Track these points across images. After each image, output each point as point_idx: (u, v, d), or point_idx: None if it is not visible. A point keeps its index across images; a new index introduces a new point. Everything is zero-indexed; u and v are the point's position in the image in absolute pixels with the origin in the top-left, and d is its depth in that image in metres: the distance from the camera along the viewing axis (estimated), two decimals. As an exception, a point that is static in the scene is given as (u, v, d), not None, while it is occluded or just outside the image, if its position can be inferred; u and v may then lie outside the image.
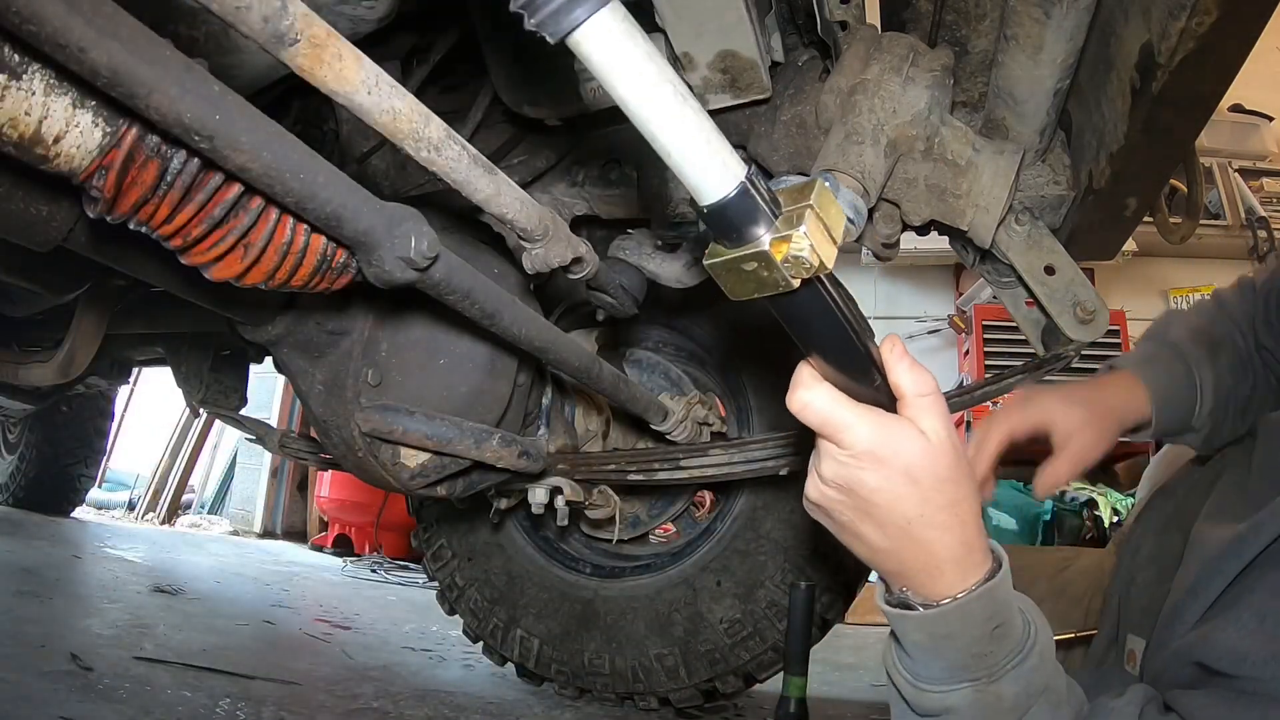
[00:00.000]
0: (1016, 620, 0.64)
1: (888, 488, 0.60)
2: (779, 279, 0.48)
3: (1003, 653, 0.63)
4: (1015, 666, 0.63)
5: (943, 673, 0.64)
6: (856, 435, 0.59)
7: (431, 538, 2.00)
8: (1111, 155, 1.03)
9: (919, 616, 0.62)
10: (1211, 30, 0.80)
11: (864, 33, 1.04)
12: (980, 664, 0.62)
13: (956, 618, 0.61)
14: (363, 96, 0.53)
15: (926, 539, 0.61)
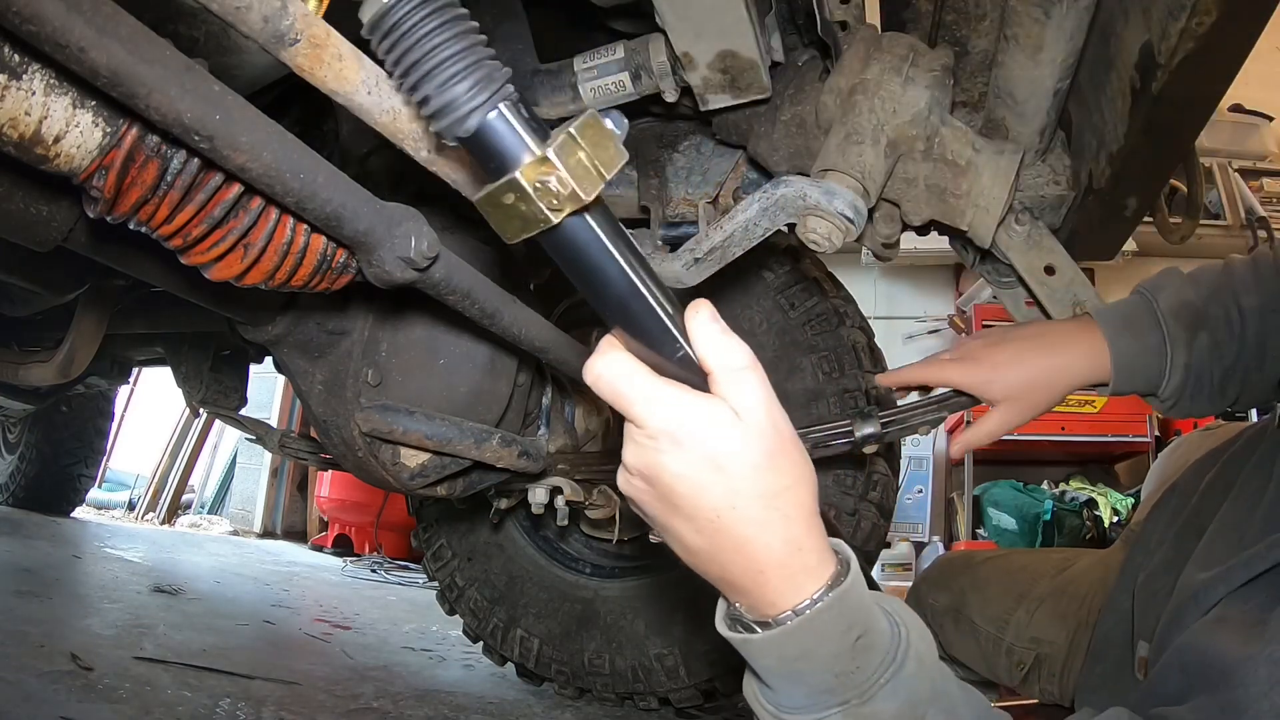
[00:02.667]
0: (881, 625, 0.55)
1: (690, 475, 0.51)
2: (537, 213, 0.43)
3: (871, 666, 0.54)
4: (890, 679, 0.54)
5: (806, 699, 0.55)
6: (652, 413, 0.51)
7: (431, 538, 2.00)
8: (1111, 155, 1.03)
9: (761, 640, 0.54)
10: (1211, 30, 0.80)
11: (864, 33, 1.04)
12: (847, 684, 0.54)
13: (805, 634, 0.52)
14: (363, 96, 0.53)
15: (742, 537, 0.52)
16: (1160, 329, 0.94)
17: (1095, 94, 1.04)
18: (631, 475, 0.55)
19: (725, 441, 0.51)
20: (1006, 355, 0.98)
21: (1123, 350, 0.95)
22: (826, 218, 0.93)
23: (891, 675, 0.54)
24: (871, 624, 0.55)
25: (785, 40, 1.14)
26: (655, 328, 0.51)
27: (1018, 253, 1.13)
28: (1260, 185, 4.46)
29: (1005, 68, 1.01)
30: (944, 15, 1.06)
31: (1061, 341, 0.97)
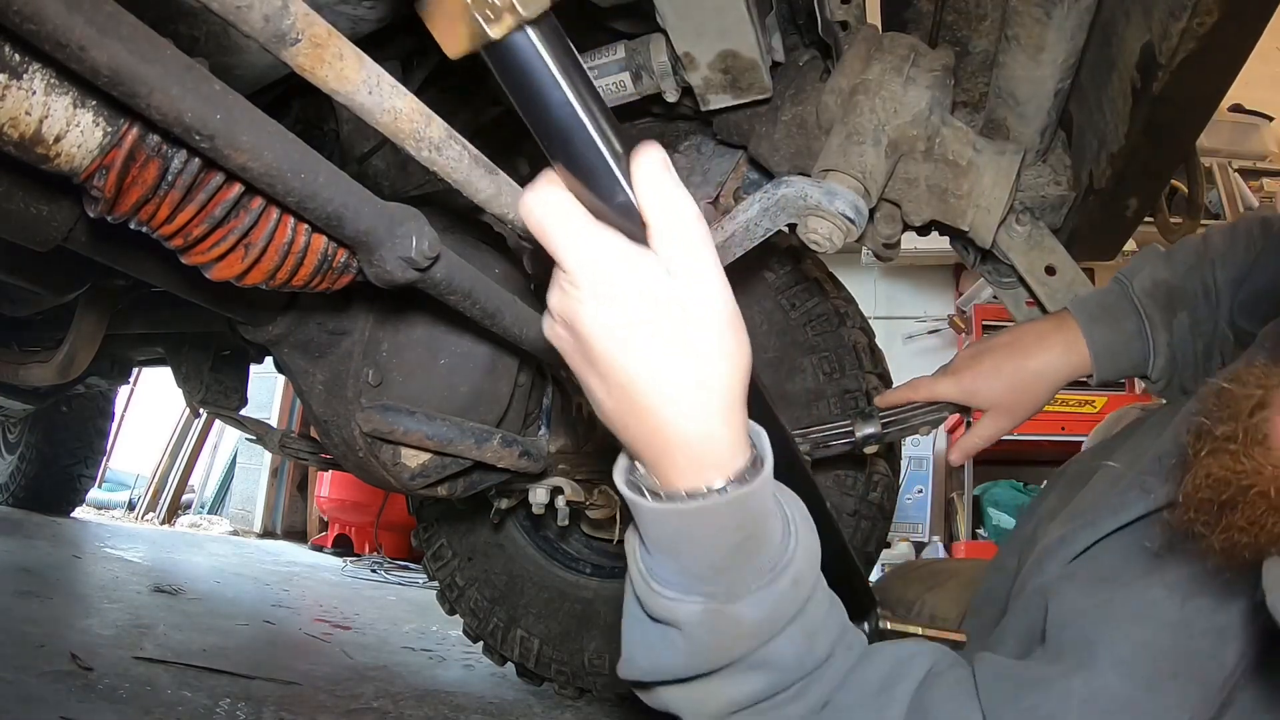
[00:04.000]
0: (773, 537, 0.54)
1: (607, 332, 0.47)
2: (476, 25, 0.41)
3: (749, 571, 0.52)
4: (762, 588, 0.53)
5: (676, 577, 0.53)
6: (580, 258, 0.46)
7: (431, 538, 2.00)
8: (1112, 155, 1.03)
9: (651, 508, 0.51)
10: (1212, 30, 0.80)
11: (865, 33, 1.04)
12: (719, 579, 0.52)
13: (694, 521, 0.50)
14: (364, 96, 0.53)
15: (652, 410, 0.48)
16: (1138, 313, 0.95)
17: (1096, 94, 1.04)
18: (554, 321, 0.51)
19: (650, 302, 0.46)
20: (985, 367, 1.01)
21: (1099, 339, 0.96)
22: (828, 218, 0.93)
23: (765, 585, 0.53)
24: (763, 533, 0.53)
25: (786, 40, 1.14)
26: (596, 166, 0.46)
27: (1018, 253, 1.13)
28: (1260, 185, 4.45)
29: (1006, 68, 1.01)
30: (945, 15, 1.06)
31: (1035, 344, 0.99)
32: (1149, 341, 0.95)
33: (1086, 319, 0.97)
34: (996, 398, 1.00)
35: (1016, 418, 1.01)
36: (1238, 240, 0.95)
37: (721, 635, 0.53)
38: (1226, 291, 0.93)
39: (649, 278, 0.46)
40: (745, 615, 0.53)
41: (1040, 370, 0.98)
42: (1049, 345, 0.98)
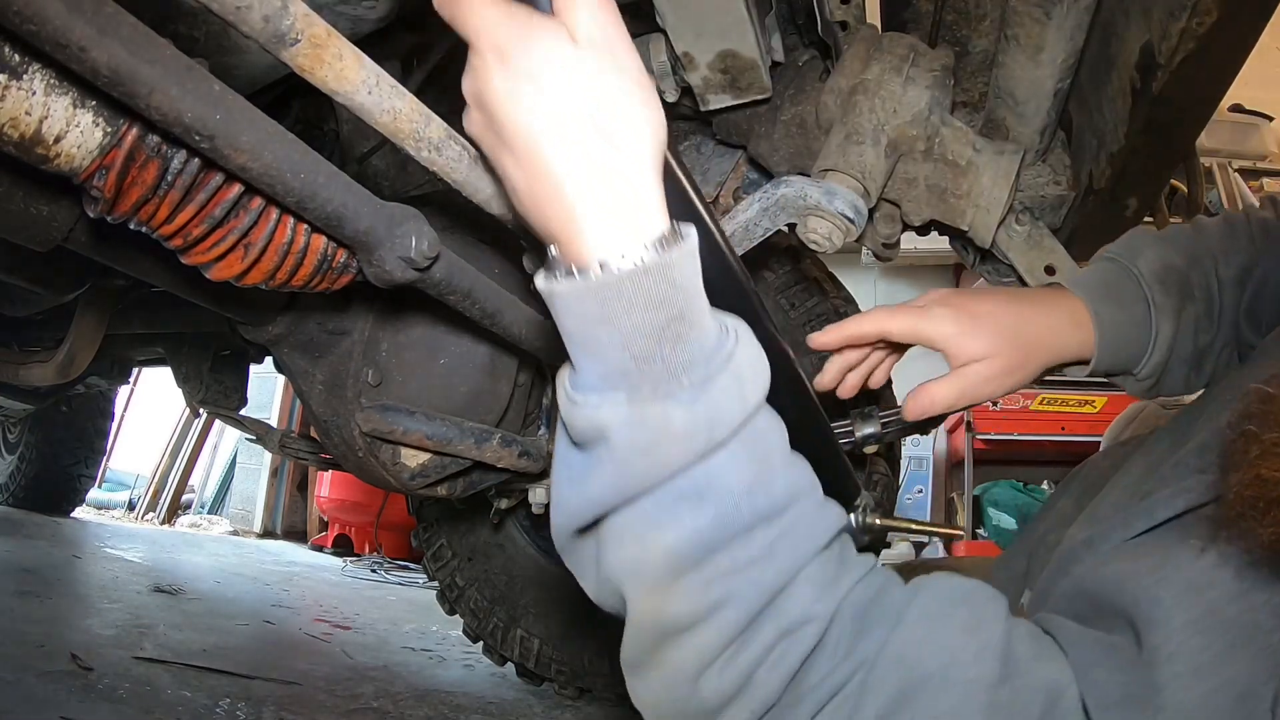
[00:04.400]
0: (705, 325, 0.48)
1: (510, 91, 0.45)
2: None
3: (676, 362, 0.46)
4: (695, 386, 0.46)
5: (599, 379, 0.48)
6: (484, 30, 0.46)
7: (431, 538, 2.00)
8: (1112, 155, 1.03)
9: (563, 289, 0.46)
10: (1212, 30, 0.80)
11: (864, 33, 1.04)
12: (643, 372, 0.46)
13: (609, 294, 0.45)
14: (363, 96, 0.53)
15: (563, 175, 0.46)
16: (1145, 299, 0.82)
17: (1096, 94, 1.04)
18: (470, 108, 0.49)
19: (556, 67, 0.45)
20: (986, 308, 0.82)
21: (1107, 320, 0.82)
22: (827, 218, 0.93)
23: (697, 382, 0.47)
24: (691, 315, 0.47)
25: (785, 40, 1.14)
26: None
27: (1018, 253, 1.13)
28: (1260, 185, 4.45)
29: (1006, 68, 1.01)
30: (944, 15, 1.06)
31: (1041, 304, 0.84)
32: (1151, 332, 0.82)
33: (1091, 298, 0.83)
34: (996, 347, 0.80)
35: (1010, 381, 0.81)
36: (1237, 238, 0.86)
37: (650, 438, 0.46)
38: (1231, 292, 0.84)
39: (554, 42, 0.46)
40: (675, 415, 0.46)
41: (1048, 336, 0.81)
42: (1056, 311, 0.82)
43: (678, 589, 0.48)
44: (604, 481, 0.48)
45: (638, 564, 0.49)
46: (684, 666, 0.49)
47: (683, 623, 0.48)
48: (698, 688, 0.49)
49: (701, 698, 0.49)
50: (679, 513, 0.48)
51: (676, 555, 0.48)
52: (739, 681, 0.48)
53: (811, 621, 0.49)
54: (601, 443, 0.47)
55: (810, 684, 0.49)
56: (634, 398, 0.47)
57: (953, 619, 0.51)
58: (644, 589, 0.49)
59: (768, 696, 0.49)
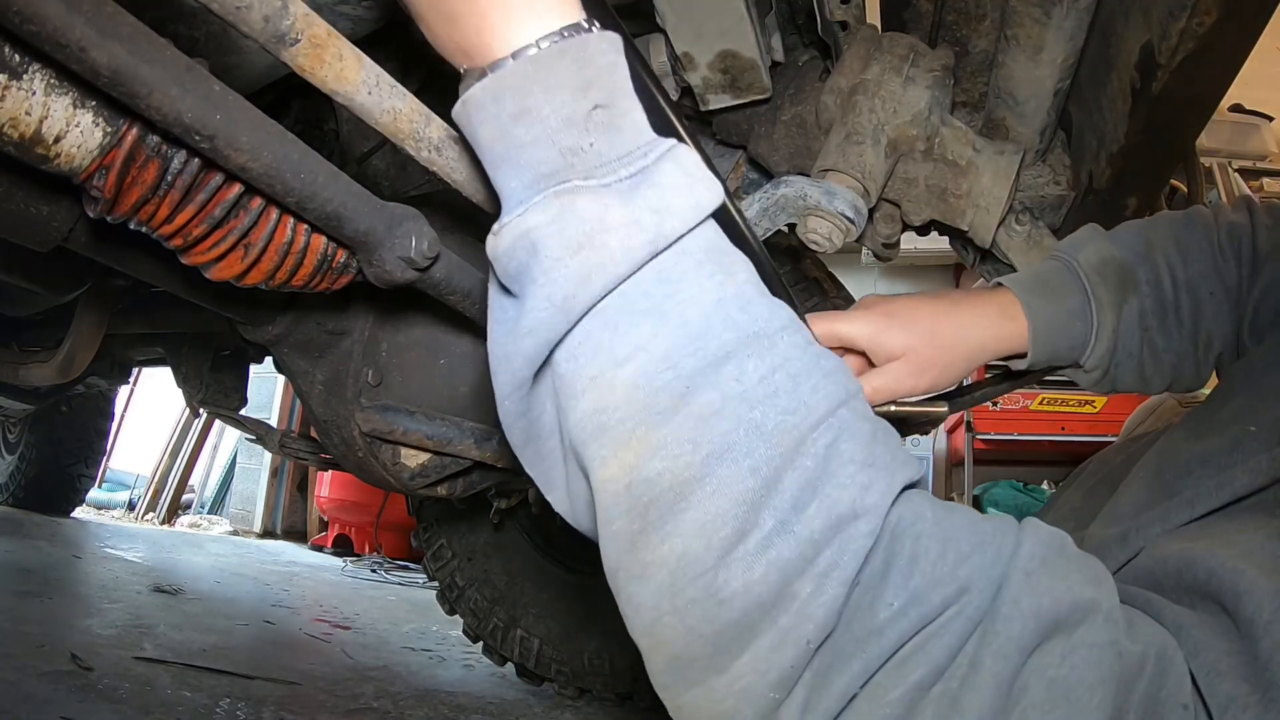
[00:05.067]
0: (642, 125, 0.42)
1: None
2: None
3: (611, 151, 0.40)
4: (635, 174, 0.40)
5: (524, 191, 0.41)
6: None
7: (431, 538, 2.00)
8: (1112, 155, 1.03)
9: (475, 92, 0.41)
10: (1212, 30, 0.80)
11: (864, 33, 1.04)
12: (572, 163, 0.40)
13: (529, 79, 0.40)
14: (363, 96, 0.53)
15: None
16: (1084, 291, 0.81)
17: (1095, 94, 1.04)
18: None
19: None
20: (902, 306, 0.82)
21: (1038, 312, 0.81)
22: (827, 218, 0.93)
23: (636, 171, 0.40)
24: (621, 105, 0.41)
25: (785, 40, 1.14)
26: None
27: (1018, 253, 1.13)
28: (1260, 185, 4.46)
29: (1005, 68, 1.01)
30: (944, 15, 1.06)
31: (968, 301, 0.83)
32: (1092, 324, 0.81)
33: (1024, 290, 0.82)
34: (908, 344, 0.79)
35: (925, 378, 0.81)
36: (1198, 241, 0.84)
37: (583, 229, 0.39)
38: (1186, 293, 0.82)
39: None
40: (612, 202, 0.39)
41: (966, 331, 0.81)
42: (980, 306, 0.82)
43: (654, 439, 0.37)
44: (538, 303, 0.39)
45: (599, 413, 0.38)
46: (690, 561, 0.37)
47: (665, 484, 0.37)
48: (715, 590, 0.37)
49: (723, 607, 0.37)
50: (636, 331, 0.39)
51: (644, 389, 0.38)
52: (774, 585, 0.36)
53: (862, 516, 0.38)
54: (531, 258, 0.39)
55: (883, 612, 0.38)
56: (561, 190, 0.40)
57: (1077, 569, 0.42)
58: (612, 445, 0.38)
59: (822, 616, 0.37)
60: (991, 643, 0.38)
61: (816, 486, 0.38)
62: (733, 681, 0.38)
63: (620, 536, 0.38)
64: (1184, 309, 0.83)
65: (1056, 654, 0.38)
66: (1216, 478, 0.61)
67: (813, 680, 0.38)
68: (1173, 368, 0.85)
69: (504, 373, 0.42)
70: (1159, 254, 0.83)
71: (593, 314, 0.39)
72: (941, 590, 0.38)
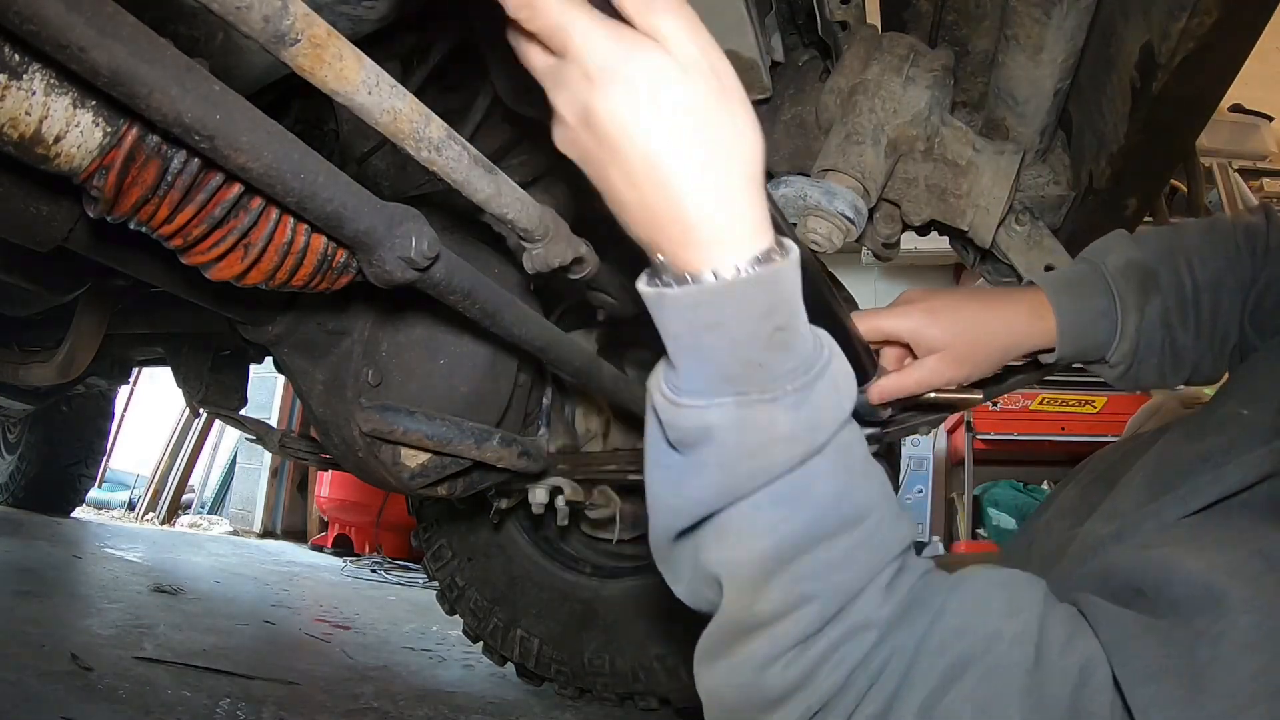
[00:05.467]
0: (807, 337, 0.50)
1: (627, 115, 0.47)
2: None
3: (784, 368, 0.49)
4: (799, 390, 0.49)
5: (705, 383, 0.49)
6: (590, 43, 0.46)
7: (431, 538, 2.00)
8: (1112, 155, 1.03)
9: (674, 295, 0.48)
10: (1212, 30, 0.80)
11: (864, 33, 1.04)
12: (753, 377, 0.48)
13: (721, 301, 0.47)
14: (363, 96, 0.53)
15: (673, 185, 0.47)
16: (1110, 292, 0.87)
17: (1095, 94, 1.04)
18: (569, 124, 0.50)
19: (663, 77, 0.46)
20: (944, 303, 0.89)
21: (1066, 310, 0.87)
22: (827, 218, 0.93)
23: (802, 386, 0.49)
24: (795, 325, 0.49)
25: (785, 40, 1.14)
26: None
27: (1018, 253, 1.13)
28: (1260, 185, 4.45)
29: (1005, 68, 1.01)
30: (944, 15, 1.06)
31: (1003, 299, 0.90)
32: (1117, 323, 0.87)
33: (1053, 290, 0.89)
34: (948, 339, 0.87)
35: (963, 371, 0.88)
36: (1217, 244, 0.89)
37: (758, 440, 0.49)
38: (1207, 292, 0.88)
39: (662, 63, 0.47)
40: (781, 419, 0.49)
41: (1001, 327, 0.88)
42: (1014, 305, 0.89)
43: (768, 588, 0.50)
44: (708, 482, 0.50)
45: (735, 563, 0.51)
46: (755, 658, 0.51)
47: (765, 618, 0.51)
48: (763, 678, 0.51)
49: (765, 687, 0.51)
50: (777, 516, 0.50)
51: (771, 557, 0.50)
52: (802, 676, 0.50)
53: (872, 627, 0.51)
54: (706, 444, 0.49)
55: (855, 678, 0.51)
56: (742, 401, 0.48)
57: (992, 605, 0.52)
58: (737, 587, 0.52)
59: (826, 693, 0.50)
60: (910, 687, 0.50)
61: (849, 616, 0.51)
62: None
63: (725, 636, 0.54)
64: (1204, 308, 0.87)
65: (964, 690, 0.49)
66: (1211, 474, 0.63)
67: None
68: (1192, 364, 0.89)
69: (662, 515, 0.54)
70: (1180, 256, 0.88)
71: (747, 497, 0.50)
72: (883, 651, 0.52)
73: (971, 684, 0.49)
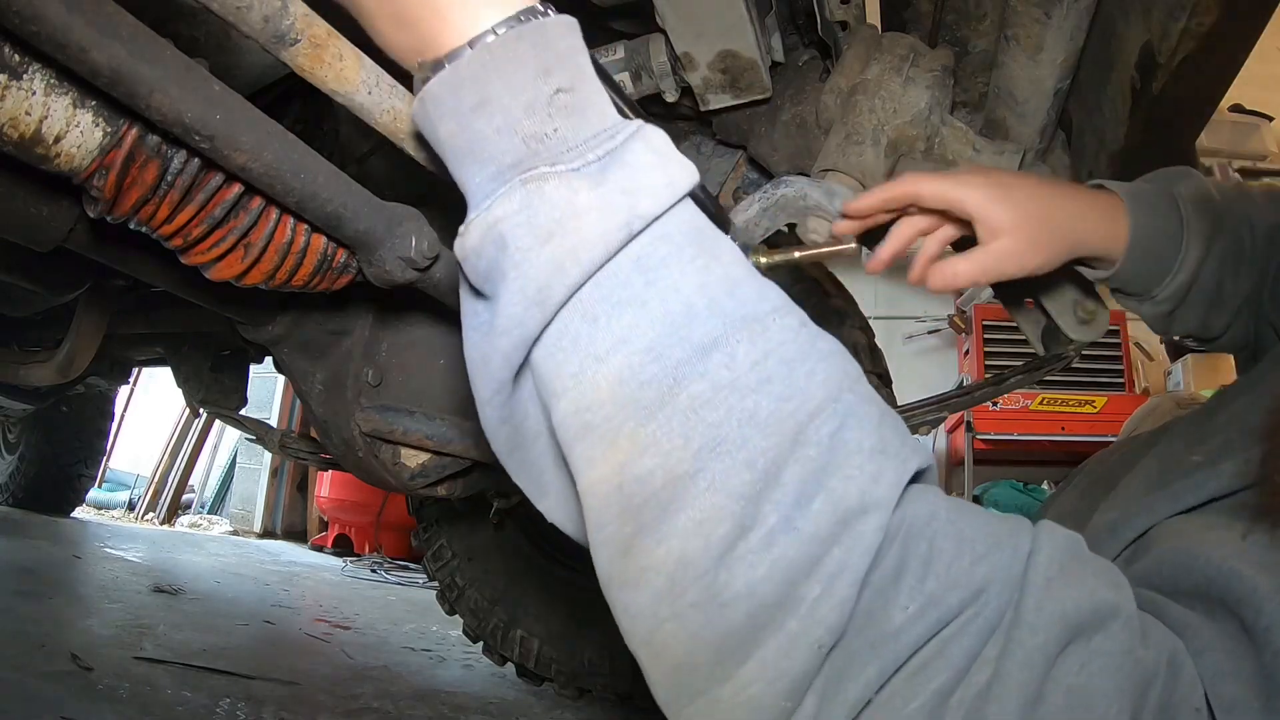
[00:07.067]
0: (608, 110, 0.40)
1: None
2: None
3: (578, 136, 0.39)
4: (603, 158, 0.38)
5: (489, 182, 0.39)
6: None
7: (431, 538, 2.00)
8: (1111, 155, 1.03)
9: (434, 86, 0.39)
10: (1212, 30, 0.80)
11: (864, 33, 1.04)
12: (540, 150, 0.38)
13: (486, 70, 0.38)
14: (363, 96, 0.53)
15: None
16: (1179, 217, 0.78)
17: (1096, 94, 1.04)
18: None
19: None
20: (1014, 180, 0.77)
21: (1141, 220, 0.77)
22: (827, 218, 0.93)
23: (607, 153, 0.38)
24: (585, 91, 0.40)
25: (785, 40, 1.14)
26: None
27: (1018, 253, 1.13)
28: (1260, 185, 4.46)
29: (1005, 68, 1.01)
30: (944, 15, 1.06)
31: (1074, 191, 0.80)
32: (1180, 249, 0.78)
33: (1130, 198, 0.78)
34: (1019, 219, 0.73)
35: (1037, 258, 0.75)
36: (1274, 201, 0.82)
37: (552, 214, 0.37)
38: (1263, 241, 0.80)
39: None
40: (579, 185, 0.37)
41: (1075, 216, 0.76)
42: (1087, 199, 0.78)
43: (643, 435, 0.35)
44: (511, 299, 0.38)
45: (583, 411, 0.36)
46: (687, 558, 0.35)
47: (658, 482, 0.35)
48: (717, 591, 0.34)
49: (727, 614, 0.34)
50: (616, 323, 0.37)
51: (629, 384, 0.36)
52: (780, 585, 0.34)
53: (871, 511, 0.35)
54: (500, 253, 0.38)
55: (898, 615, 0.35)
56: (528, 177, 0.38)
57: (1094, 572, 0.41)
58: (599, 444, 0.36)
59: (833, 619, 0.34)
60: (1015, 652, 0.36)
61: (821, 479, 0.35)
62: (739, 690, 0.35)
63: (613, 542, 0.36)
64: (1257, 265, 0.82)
65: (1075, 662, 0.37)
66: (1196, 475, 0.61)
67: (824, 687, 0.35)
68: (1228, 319, 0.83)
69: (482, 377, 0.41)
70: (1245, 206, 0.82)
71: (570, 306, 0.37)
72: (958, 592, 0.36)
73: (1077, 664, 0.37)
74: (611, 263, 0.37)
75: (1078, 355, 1.14)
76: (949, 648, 0.36)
